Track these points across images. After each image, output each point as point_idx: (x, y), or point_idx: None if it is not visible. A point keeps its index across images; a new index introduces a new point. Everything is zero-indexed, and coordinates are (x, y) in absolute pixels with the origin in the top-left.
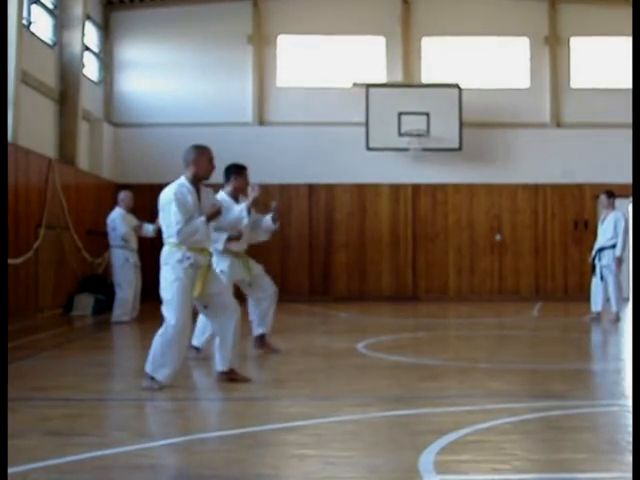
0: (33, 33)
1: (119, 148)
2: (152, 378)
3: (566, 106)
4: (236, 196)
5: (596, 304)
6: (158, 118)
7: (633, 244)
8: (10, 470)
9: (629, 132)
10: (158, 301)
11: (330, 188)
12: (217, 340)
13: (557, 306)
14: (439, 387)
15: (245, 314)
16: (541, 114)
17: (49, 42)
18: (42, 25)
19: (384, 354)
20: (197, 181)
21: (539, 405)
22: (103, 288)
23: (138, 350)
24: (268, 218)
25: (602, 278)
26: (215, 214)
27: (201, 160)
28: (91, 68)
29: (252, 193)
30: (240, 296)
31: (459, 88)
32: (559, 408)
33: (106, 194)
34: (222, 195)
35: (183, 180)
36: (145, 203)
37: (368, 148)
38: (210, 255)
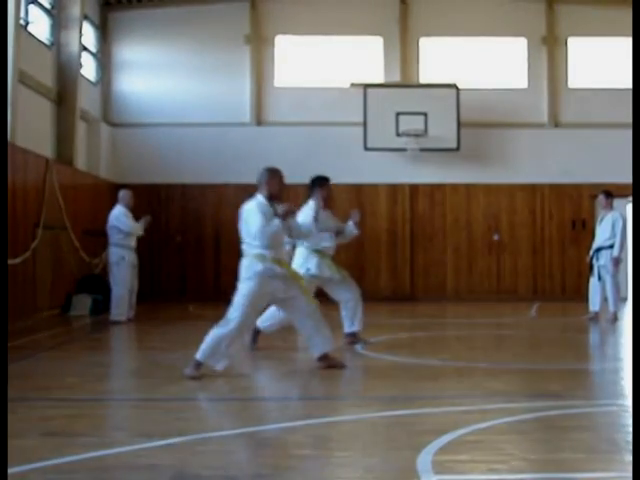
0: (31, 33)
1: (117, 148)
2: (198, 365)
3: (564, 106)
4: (325, 206)
5: (594, 304)
6: (156, 118)
7: (633, 244)
8: (9, 471)
9: (627, 132)
10: (154, 301)
11: None
12: (304, 335)
13: (555, 306)
14: (437, 387)
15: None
16: (539, 114)
17: (47, 42)
18: (40, 25)
19: (382, 354)
20: (271, 199)
21: (537, 405)
22: (101, 288)
23: (136, 350)
24: (351, 225)
25: (600, 278)
26: (288, 213)
27: (273, 182)
28: (89, 68)
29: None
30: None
31: (457, 88)
32: (557, 408)
33: (104, 194)
34: (311, 205)
35: (260, 197)
36: (143, 203)
37: (366, 148)
38: (287, 266)
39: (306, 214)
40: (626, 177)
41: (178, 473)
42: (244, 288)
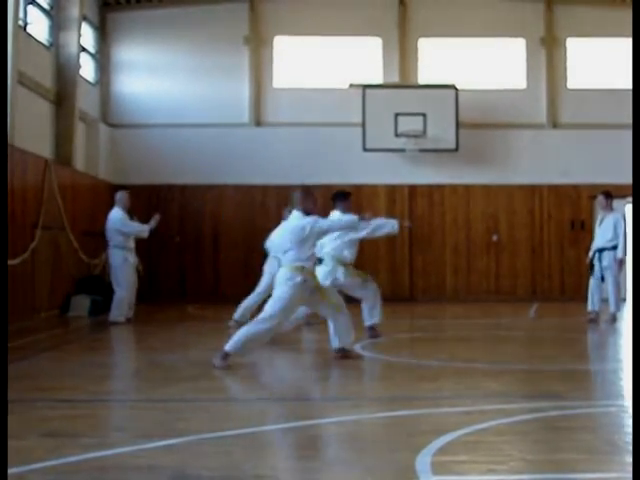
0: (29, 34)
1: (115, 149)
2: (226, 356)
3: (562, 107)
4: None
5: (594, 304)
6: (155, 119)
7: (633, 244)
8: (8, 471)
9: (625, 132)
10: (153, 302)
11: (327, 189)
12: (331, 325)
13: (554, 307)
14: (436, 388)
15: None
16: (537, 115)
17: (45, 43)
18: (38, 26)
19: (381, 355)
20: (306, 214)
21: (536, 406)
22: (100, 289)
23: (135, 351)
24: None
25: (603, 279)
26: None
27: (308, 201)
28: (87, 69)
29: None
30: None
31: (456, 89)
32: (556, 409)
33: (102, 195)
34: (337, 214)
35: (298, 214)
36: (141, 204)
37: (365, 149)
38: (316, 277)
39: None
40: (625, 178)
41: (178, 474)
42: (283, 292)
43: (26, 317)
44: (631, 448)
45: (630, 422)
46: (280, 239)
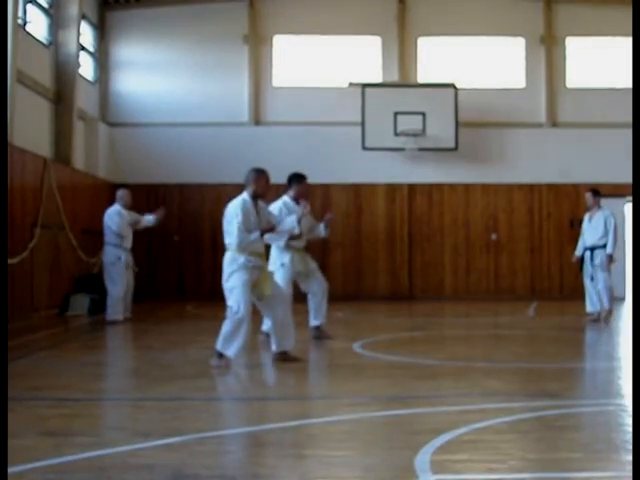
0: (28, 33)
1: (114, 148)
2: (220, 355)
3: (562, 106)
4: (297, 200)
5: (593, 304)
6: (154, 118)
7: (633, 244)
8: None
9: (624, 132)
10: (152, 301)
11: (326, 188)
12: (271, 325)
13: (553, 305)
14: (435, 386)
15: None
16: (537, 114)
17: (44, 42)
18: (37, 25)
19: (380, 353)
20: (256, 197)
21: (535, 404)
22: (99, 288)
23: (134, 350)
24: (321, 227)
25: (592, 278)
26: (268, 230)
27: (260, 181)
28: (86, 68)
29: (303, 209)
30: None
31: (455, 88)
32: (555, 407)
33: (101, 194)
34: (285, 199)
35: (245, 196)
36: (140, 202)
37: (364, 148)
38: (265, 258)
39: (276, 207)
40: (623, 177)
41: (176, 473)
42: (235, 279)
43: (25, 316)
44: (629, 447)
45: (628, 421)
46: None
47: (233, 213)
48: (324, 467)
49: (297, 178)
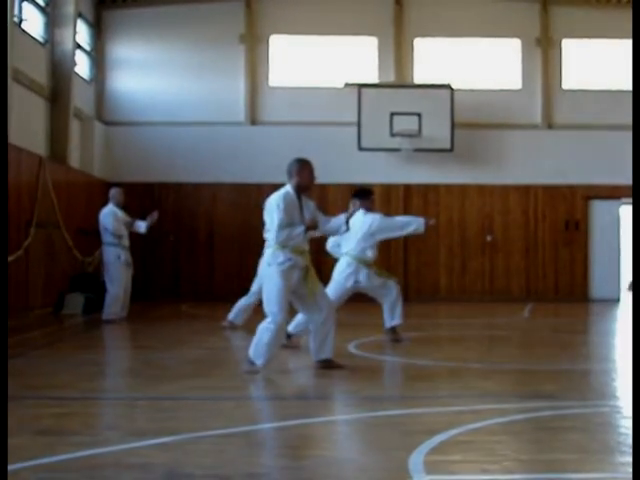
0: (24, 31)
1: (110, 146)
2: (253, 362)
3: (557, 107)
4: (368, 209)
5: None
6: (150, 117)
7: (633, 244)
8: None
9: (620, 133)
10: (148, 300)
11: (322, 188)
12: (312, 329)
13: (548, 307)
14: (430, 387)
15: None
16: (533, 115)
17: (41, 40)
18: (34, 23)
19: (375, 354)
20: (300, 190)
21: (529, 405)
22: (94, 287)
23: (129, 349)
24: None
25: None
26: (313, 226)
27: (304, 172)
28: (83, 66)
29: (353, 208)
30: None
31: (451, 89)
32: (549, 409)
33: (97, 192)
34: (360, 214)
35: (288, 188)
36: (136, 201)
37: (360, 148)
38: (309, 256)
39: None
40: (619, 178)
41: (170, 472)
42: (272, 284)
43: (20, 315)
44: (624, 448)
45: (623, 422)
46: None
47: (274, 205)
48: (318, 467)
49: (365, 194)
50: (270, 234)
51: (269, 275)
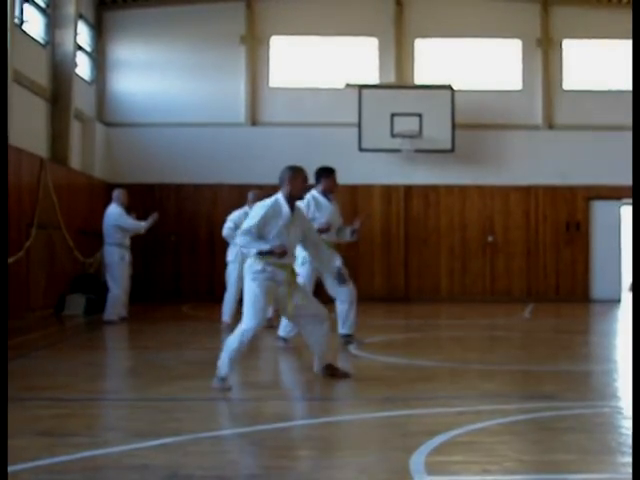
0: (25, 32)
1: (111, 148)
2: (223, 379)
3: (558, 108)
4: (326, 194)
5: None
6: (150, 118)
7: (633, 244)
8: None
9: (621, 134)
10: (148, 301)
11: None
12: (310, 343)
13: (549, 307)
14: (431, 388)
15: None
16: (533, 116)
17: (41, 41)
18: (34, 24)
19: (376, 355)
20: (292, 200)
21: (530, 406)
22: (95, 288)
23: (129, 350)
24: (348, 231)
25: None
26: (280, 254)
27: (296, 180)
28: (83, 67)
29: (358, 223)
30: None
31: (452, 89)
32: (550, 409)
33: (98, 194)
34: (314, 194)
35: (279, 197)
36: (137, 203)
37: (360, 149)
38: (293, 271)
39: (305, 202)
40: (620, 179)
41: (171, 473)
42: (250, 291)
43: (21, 316)
44: (624, 449)
45: (624, 423)
46: None
47: (255, 209)
48: (319, 468)
49: (325, 172)
50: None
51: (247, 282)
